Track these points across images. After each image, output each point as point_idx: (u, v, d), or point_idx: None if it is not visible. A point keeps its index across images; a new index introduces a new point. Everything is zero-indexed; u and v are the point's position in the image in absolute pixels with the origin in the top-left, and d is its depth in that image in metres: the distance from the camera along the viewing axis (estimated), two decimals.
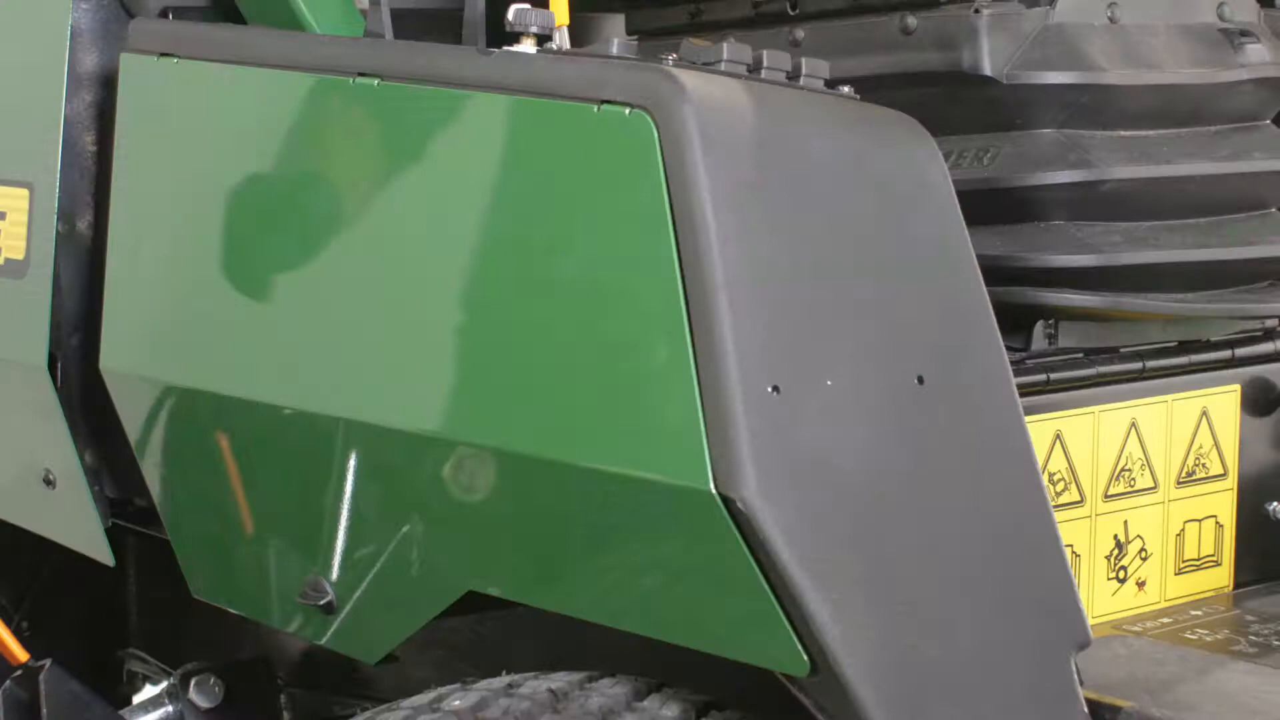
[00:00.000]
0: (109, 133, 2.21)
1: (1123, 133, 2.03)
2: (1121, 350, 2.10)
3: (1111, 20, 2.03)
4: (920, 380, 1.72)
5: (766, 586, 1.62)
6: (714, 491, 1.62)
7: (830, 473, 1.66)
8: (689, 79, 1.69)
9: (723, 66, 1.80)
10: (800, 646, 1.63)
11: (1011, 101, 1.98)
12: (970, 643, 1.72)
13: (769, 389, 1.64)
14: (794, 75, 1.84)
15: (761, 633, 1.65)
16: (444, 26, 2.27)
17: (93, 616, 2.60)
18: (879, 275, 1.74)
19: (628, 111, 1.70)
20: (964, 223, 1.79)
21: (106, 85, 2.25)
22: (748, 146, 1.69)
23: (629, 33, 2.26)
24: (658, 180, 1.67)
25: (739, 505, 1.61)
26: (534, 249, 1.76)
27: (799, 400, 1.65)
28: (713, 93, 1.71)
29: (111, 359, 2.14)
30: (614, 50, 1.80)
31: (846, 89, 1.85)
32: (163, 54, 2.12)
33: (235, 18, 2.24)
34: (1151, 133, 2.05)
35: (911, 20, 2.00)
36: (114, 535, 2.23)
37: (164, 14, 2.23)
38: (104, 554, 2.21)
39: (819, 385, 1.67)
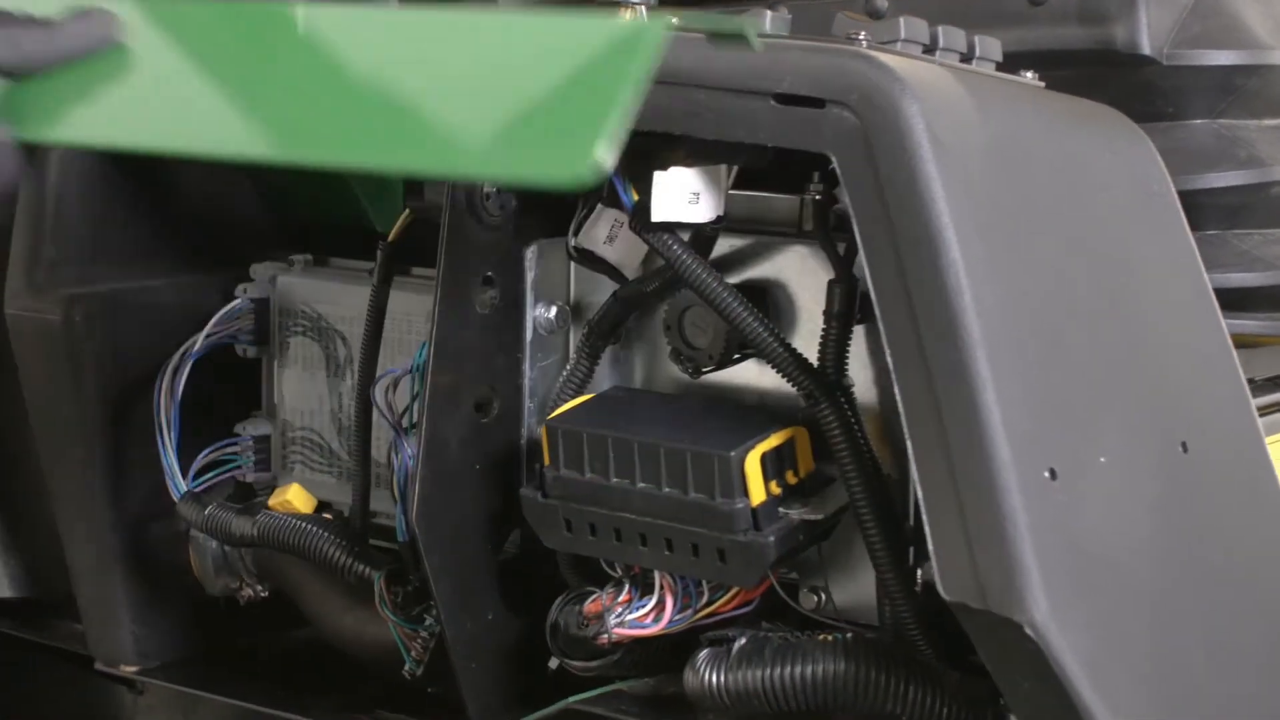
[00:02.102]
0: None
1: (1269, 122, 1.70)
2: (1256, 380, 1.77)
3: None
4: (1184, 447, 1.35)
5: None
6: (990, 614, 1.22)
7: (1116, 574, 1.28)
8: (900, 65, 1.28)
9: (899, 47, 1.40)
10: None
11: (1166, 86, 1.62)
12: None
13: (1045, 474, 1.25)
14: (967, 56, 1.45)
15: None
16: None
17: None
18: (1126, 315, 1.36)
19: None
20: (1194, 242, 1.44)
21: None
22: (980, 154, 1.29)
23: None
24: None
25: (1027, 632, 1.22)
26: None
27: (1076, 485, 1.26)
28: (930, 83, 1.30)
29: None
30: (767, 26, 1.38)
31: (1030, 74, 1.47)
32: None
33: None
34: None
35: None
36: None
37: None
38: None
39: (1093, 463, 1.28)
